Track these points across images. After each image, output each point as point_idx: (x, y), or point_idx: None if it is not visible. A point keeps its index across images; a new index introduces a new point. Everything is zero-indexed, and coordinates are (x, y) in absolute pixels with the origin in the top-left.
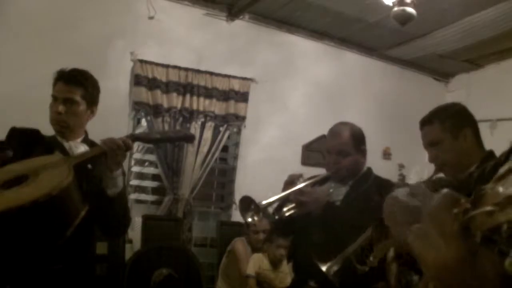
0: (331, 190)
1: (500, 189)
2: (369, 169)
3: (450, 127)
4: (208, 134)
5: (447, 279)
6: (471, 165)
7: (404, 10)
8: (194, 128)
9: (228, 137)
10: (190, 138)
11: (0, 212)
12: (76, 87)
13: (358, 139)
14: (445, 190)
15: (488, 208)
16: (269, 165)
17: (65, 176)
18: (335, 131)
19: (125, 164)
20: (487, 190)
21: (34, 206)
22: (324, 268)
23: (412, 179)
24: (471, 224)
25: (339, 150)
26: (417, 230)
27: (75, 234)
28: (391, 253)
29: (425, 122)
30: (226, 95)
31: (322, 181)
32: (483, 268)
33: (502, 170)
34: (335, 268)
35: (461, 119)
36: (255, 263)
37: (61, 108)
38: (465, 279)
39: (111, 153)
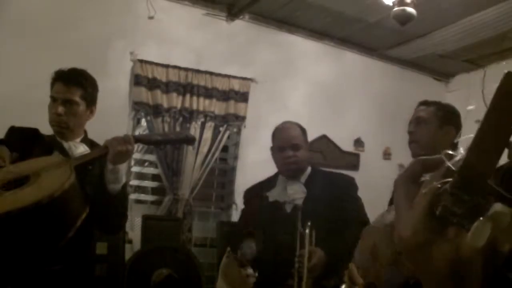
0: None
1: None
2: (316, 167)
3: (442, 117)
4: (208, 134)
5: (408, 258)
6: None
7: (404, 10)
8: (194, 128)
9: (228, 137)
10: (191, 140)
11: (1, 214)
12: (76, 88)
13: (305, 134)
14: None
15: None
16: (269, 165)
17: (67, 177)
18: (285, 127)
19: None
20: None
21: (36, 207)
22: None
23: None
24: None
25: (293, 144)
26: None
27: (75, 234)
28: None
29: (424, 103)
30: (226, 95)
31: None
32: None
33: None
34: None
35: (453, 118)
36: None
37: (60, 109)
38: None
39: (115, 151)
